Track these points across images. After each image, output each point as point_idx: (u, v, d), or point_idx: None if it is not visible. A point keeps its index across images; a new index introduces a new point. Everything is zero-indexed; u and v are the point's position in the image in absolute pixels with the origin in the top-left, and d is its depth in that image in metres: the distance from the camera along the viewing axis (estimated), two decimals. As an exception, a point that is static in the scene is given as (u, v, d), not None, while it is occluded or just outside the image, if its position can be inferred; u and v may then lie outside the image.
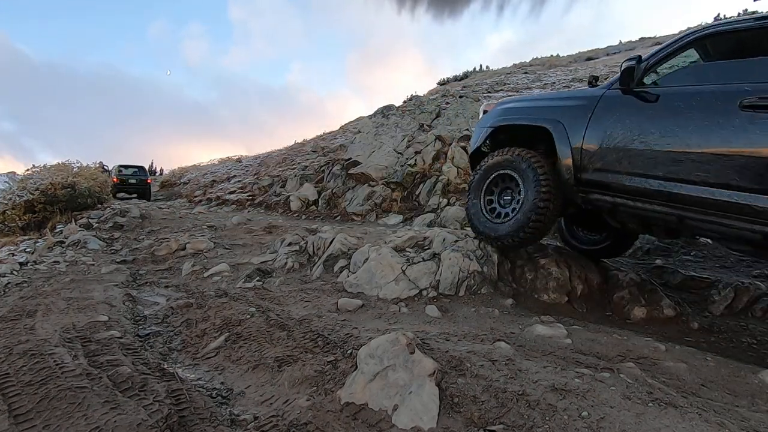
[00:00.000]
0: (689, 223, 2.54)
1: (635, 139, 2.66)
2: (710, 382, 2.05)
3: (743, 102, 2.24)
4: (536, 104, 3.38)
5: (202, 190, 16.16)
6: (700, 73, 2.72)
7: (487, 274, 3.38)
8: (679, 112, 2.50)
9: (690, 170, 2.41)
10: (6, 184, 9.98)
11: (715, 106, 2.36)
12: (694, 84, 2.57)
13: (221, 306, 3.22)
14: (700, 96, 2.46)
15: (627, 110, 2.75)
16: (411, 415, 1.69)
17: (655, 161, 2.56)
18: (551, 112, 3.15)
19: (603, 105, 2.89)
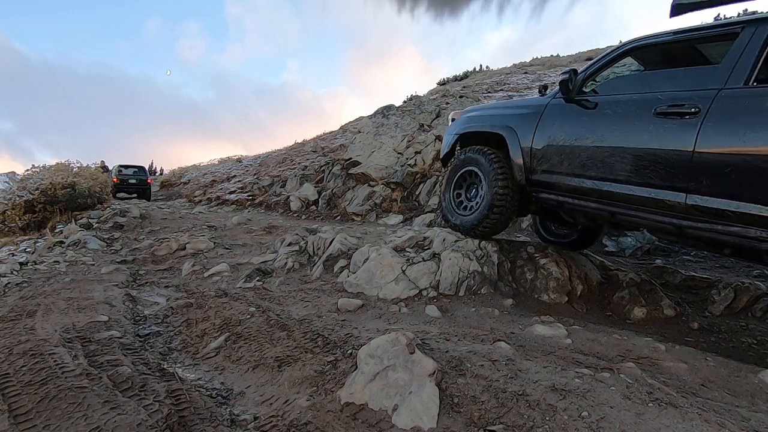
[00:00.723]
0: (619, 217, 2.82)
1: (573, 143, 2.94)
2: (710, 382, 2.05)
3: (657, 109, 2.52)
4: (494, 112, 3.68)
5: (202, 190, 16.15)
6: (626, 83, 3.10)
7: (487, 274, 3.38)
8: (608, 118, 2.78)
9: (616, 170, 2.69)
10: (6, 184, 9.98)
11: (636, 112, 2.64)
12: (621, 93, 2.86)
13: (221, 306, 3.22)
14: (624, 103, 2.74)
15: (567, 117, 3.03)
16: (411, 415, 1.69)
17: (588, 163, 2.84)
18: (506, 119, 3.46)
19: (548, 113, 3.18)
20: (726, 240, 2.38)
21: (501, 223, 3.46)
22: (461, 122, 3.90)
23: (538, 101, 3.33)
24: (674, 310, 3.22)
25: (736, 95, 2.33)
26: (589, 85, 3.08)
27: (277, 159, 16.33)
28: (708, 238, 2.45)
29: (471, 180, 3.67)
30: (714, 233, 2.36)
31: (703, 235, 2.45)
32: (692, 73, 2.78)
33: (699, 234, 2.46)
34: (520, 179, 3.27)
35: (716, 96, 2.37)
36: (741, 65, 2.39)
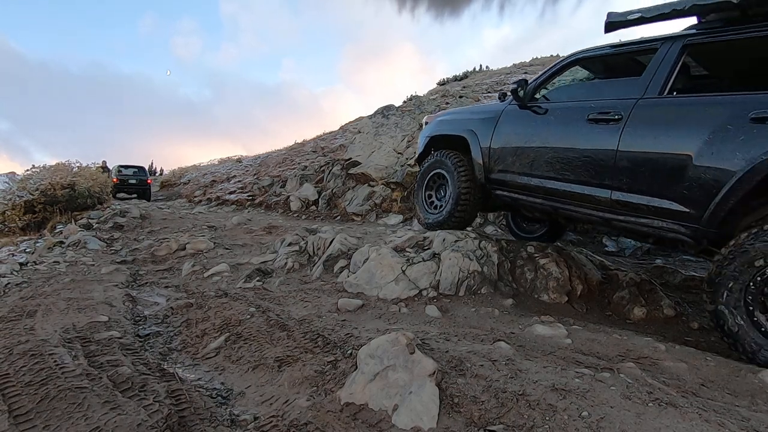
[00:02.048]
0: (560, 211, 3.17)
1: (523, 145, 3.29)
2: (710, 382, 2.05)
3: (589, 116, 2.87)
4: (459, 117, 4.01)
5: (202, 191, 16.15)
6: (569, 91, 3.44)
7: (487, 274, 3.39)
8: (551, 122, 3.14)
9: (557, 170, 3.04)
10: (6, 185, 9.98)
11: (573, 118, 3.00)
12: (564, 100, 3.22)
13: (221, 306, 3.22)
14: (565, 110, 3.11)
15: (519, 122, 3.39)
16: (411, 415, 1.69)
17: (535, 163, 3.19)
18: (468, 123, 3.78)
19: (503, 118, 3.52)
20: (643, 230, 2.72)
21: (465, 219, 3.84)
22: (432, 126, 4.21)
23: (497, 107, 3.65)
24: (674, 310, 3.22)
25: (651, 104, 2.63)
26: (541, 93, 3.41)
27: (277, 159, 16.33)
28: (630, 229, 2.79)
29: (440, 182, 4.02)
30: (634, 225, 2.71)
31: (626, 227, 2.80)
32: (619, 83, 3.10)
33: (623, 225, 2.81)
34: (480, 178, 3.61)
35: (635, 104, 2.68)
36: (657, 77, 2.69)
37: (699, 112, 2.44)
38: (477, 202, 3.72)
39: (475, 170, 3.64)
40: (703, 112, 2.42)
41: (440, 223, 3.90)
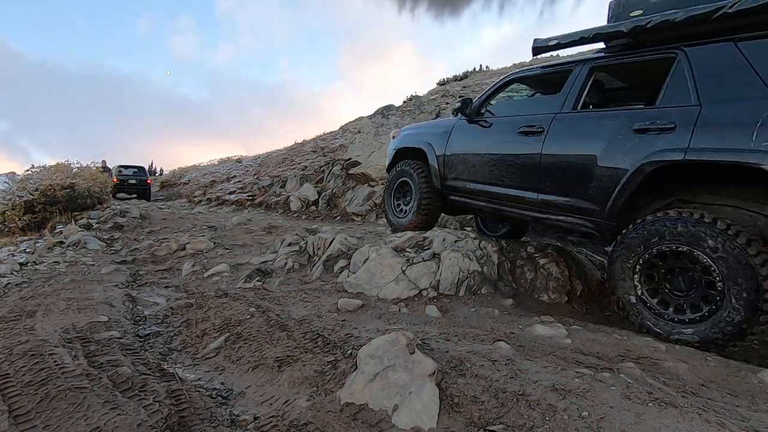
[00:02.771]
0: (501, 212, 3.62)
1: (470, 155, 3.76)
2: (710, 382, 2.05)
3: (519, 128, 3.33)
4: (420, 131, 4.49)
5: (202, 191, 16.15)
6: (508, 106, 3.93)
7: (487, 274, 3.39)
8: (491, 134, 3.62)
9: (496, 176, 3.51)
10: (6, 185, 9.98)
11: (508, 131, 3.47)
12: (503, 115, 3.68)
13: (221, 306, 3.22)
14: (502, 123, 3.58)
15: (467, 135, 3.86)
16: (411, 415, 1.69)
17: (479, 170, 3.66)
18: (427, 137, 4.27)
19: (454, 131, 3.98)
20: (564, 226, 3.16)
21: (428, 221, 4.27)
22: (398, 140, 4.71)
23: (450, 122, 4.13)
24: (674, 310, 3.22)
25: (566, 118, 3.11)
26: (486, 108, 3.84)
27: (277, 159, 16.33)
28: (555, 225, 3.24)
29: (405, 189, 4.48)
30: (556, 221, 3.17)
31: (552, 223, 3.24)
32: (544, 100, 3.64)
33: (549, 222, 3.25)
34: (437, 185, 4.07)
35: (554, 118, 3.15)
36: (571, 94, 3.15)
37: (599, 124, 2.88)
38: (437, 206, 4.22)
39: (433, 178, 4.11)
40: (602, 125, 2.85)
41: (405, 225, 4.36)
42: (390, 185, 4.61)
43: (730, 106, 2.38)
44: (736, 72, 2.44)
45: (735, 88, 2.42)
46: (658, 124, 2.55)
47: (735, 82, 2.43)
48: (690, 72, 2.60)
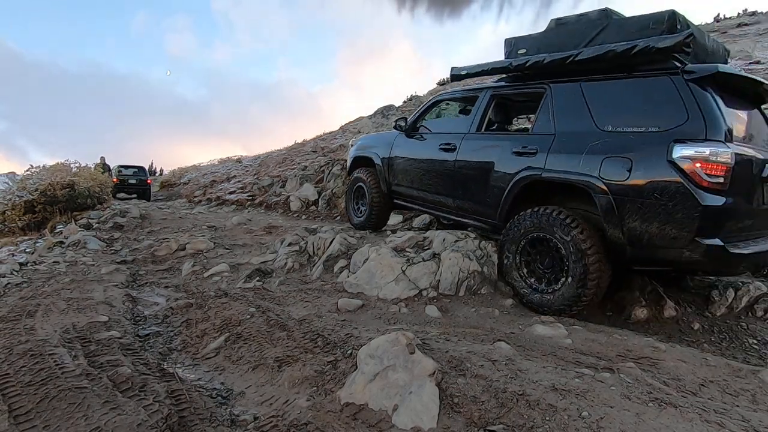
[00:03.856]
0: (433, 214, 4.30)
1: (408, 165, 4.37)
2: (710, 382, 2.05)
3: (440, 145, 3.94)
4: (370, 142, 5.14)
5: (202, 191, 16.15)
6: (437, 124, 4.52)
7: (487, 274, 3.38)
8: (422, 149, 4.24)
9: (426, 184, 4.13)
10: (6, 185, 9.96)
11: (432, 145, 4.07)
12: (431, 132, 4.29)
13: (221, 306, 3.22)
14: (430, 138, 4.19)
15: (405, 147, 4.46)
16: (411, 415, 1.69)
17: (414, 178, 4.28)
18: (375, 148, 4.88)
19: (396, 143, 4.58)
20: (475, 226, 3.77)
21: (379, 221, 4.99)
22: (354, 149, 5.31)
23: (392, 134, 4.71)
24: (675, 310, 3.22)
25: (471, 138, 3.74)
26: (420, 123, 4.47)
27: (277, 159, 16.33)
28: (469, 225, 3.85)
29: (362, 193, 5.04)
30: (468, 223, 3.80)
31: (467, 224, 3.84)
32: (460, 120, 4.17)
33: (464, 223, 3.86)
34: (385, 190, 4.70)
35: (463, 138, 3.78)
36: (476, 118, 3.78)
37: (492, 146, 3.55)
38: (386, 208, 4.87)
39: (381, 184, 4.72)
40: (494, 147, 3.51)
41: (363, 224, 4.99)
42: (349, 188, 5.28)
43: (571, 138, 3.01)
44: (577, 107, 3.06)
45: (576, 121, 3.04)
46: (528, 149, 3.20)
47: (576, 115, 3.05)
48: (552, 105, 3.22)
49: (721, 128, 2.50)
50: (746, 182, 2.61)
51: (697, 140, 2.48)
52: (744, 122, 2.86)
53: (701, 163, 2.43)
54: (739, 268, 2.85)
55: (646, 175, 2.59)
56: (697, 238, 2.45)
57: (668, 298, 3.35)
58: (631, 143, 2.70)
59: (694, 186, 2.44)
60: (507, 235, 3.21)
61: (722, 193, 2.46)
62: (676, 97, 2.63)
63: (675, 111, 2.61)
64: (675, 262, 2.62)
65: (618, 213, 2.67)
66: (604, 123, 2.88)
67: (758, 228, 2.82)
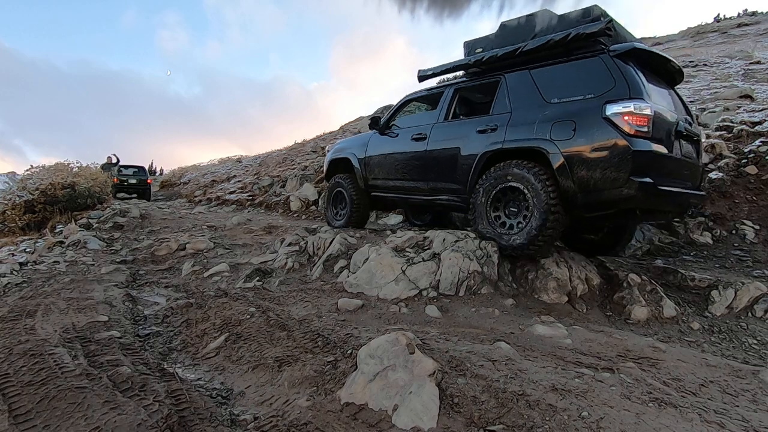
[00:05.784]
0: (409, 201, 4.74)
1: (382, 159, 4.83)
2: (710, 382, 2.05)
3: (412, 136, 4.47)
4: (346, 145, 5.54)
5: (202, 190, 16.15)
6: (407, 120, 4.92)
7: (487, 274, 3.38)
8: (396, 143, 4.70)
9: (402, 173, 4.59)
10: (6, 184, 9.96)
11: (405, 138, 4.57)
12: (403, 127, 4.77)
13: (221, 306, 3.22)
14: (402, 133, 4.69)
15: (379, 143, 4.93)
16: (411, 415, 1.69)
17: (390, 170, 4.73)
18: (351, 149, 5.30)
19: (371, 142, 5.04)
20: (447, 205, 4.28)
21: (361, 218, 5.25)
22: (331, 153, 5.71)
23: (367, 135, 5.19)
24: (674, 310, 3.22)
25: (440, 126, 4.27)
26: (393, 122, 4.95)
27: (277, 159, 16.34)
28: (442, 204, 4.33)
29: (341, 197, 5.38)
30: (441, 202, 4.27)
31: (440, 204, 4.33)
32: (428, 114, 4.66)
33: (437, 203, 4.35)
34: (363, 186, 5.08)
35: (432, 127, 4.32)
36: (442, 109, 4.34)
37: (459, 129, 4.07)
38: (365, 204, 5.18)
39: (359, 181, 5.11)
40: (461, 130, 4.04)
41: (344, 224, 5.26)
42: (328, 195, 5.64)
43: (524, 112, 3.57)
44: (528, 89, 3.66)
45: (528, 100, 3.62)
46: (489, 126, 3.75)
47: (528, 96, 3.64)
48: (507, 90, 3.82)
49: (641, 90, 3.10)
50: (665, 133, 3.20)
51: (623, 99, 3.06)
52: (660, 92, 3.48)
53: (628, 116, 3.01)
54: (668, 205, 3.40)
55: (588, 132, 3.16)
56: (632, 177, 2.96)
57: (668, 298, 3.36)
58: (574, 108, 3.30)
59: (625, 135, 3.00)
60: (481, 186, 3.67)
61: (647, 140, 3.02)
62: (605, 69, 3.25)
63: (605, 80, 3.22)
64: (616, 201, 3.09)
65: (568, 166, 3.19)
66: (551, 97, 3.48)
67: (678, 175, 3.41)
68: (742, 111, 6.61)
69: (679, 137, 3.37)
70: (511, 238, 3.45)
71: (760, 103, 6.92)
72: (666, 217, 3.99)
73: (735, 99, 7.34)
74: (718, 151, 5.62)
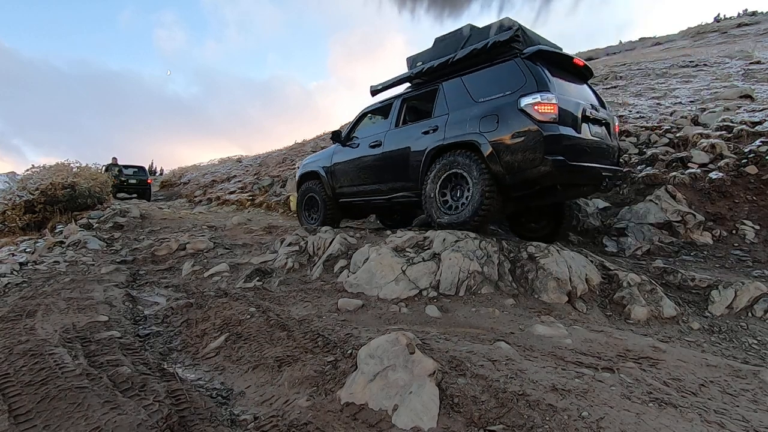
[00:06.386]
0: (371, 204, 5.16)
1: (346, 168, 5.34)
2: (710, 382, 2.05)
3: (369, 144, 5.03)
4: (314, 158, 6.09)
5: (202, 190, 16.15)
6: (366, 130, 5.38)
7: (487, 274, 3.38)
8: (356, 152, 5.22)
9: (363, 179, 5.09)
10: (6, 184, 9.95)
11: (364, 146, 5.11)
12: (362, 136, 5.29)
13: (221, 306, 3.22)
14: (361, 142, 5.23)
15: (342, 154, 5.45)
16: (411, 415, 1.69)
17: (353, 177, 5.24)
18: (319, 161, 5.87)
19: (335, 153, 5.57)
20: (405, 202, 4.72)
21: (332, 219, 5.65)
22: (301, 167, 6.27)
23: (331, 149, 5.72)
24: (674, 310, 3.22)
25: (392, 132, 4.84)
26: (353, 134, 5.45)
27: (277, 159, 16.33)
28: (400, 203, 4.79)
29: (313, 201, 5.90)
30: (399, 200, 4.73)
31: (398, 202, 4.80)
32: (382, 123, 5.18)
33: (396, 202, 4.79)
34: (331, 194, 5.58)
35: (386, 134, 4.89)
36: (393, 118, 4.93)
37: (408, 133, 4.64)
38: (335, 210, 5.66)
39: (326, 190, 5.61)
40: (409, 133, 4.61)
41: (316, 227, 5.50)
42: (300, 201, 6.15)
43: (459, 112, 4.15)
44: (461, 93, 4.25)
45: (461, 102, 4.21)
46: (432, 127, 4.33)
47: (461, 98, 4.23)
48: (444, 95, 4.42)
49: (546, 84, 3.64)
50: (572, 118, 3.72)
51: (533, 92, 3.60)
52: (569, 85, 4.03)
53: (538, 105, 3.54)
54: (582, 178, 3.87)
55: (508, 123, 3.71)
56: (545, 156, 3.48)
57: (668, 297, 3.36)
58: (496, 104, 3.86)
59: (537, 122, 3.53)
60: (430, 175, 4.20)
61: (556, 124, 3.54)
62: (518, 70, 3.82)
63: (519, 79, 3.78)
64: (537, 178, 3.60)
65: (496, 153, 3.72)
66: (479, 97, 4.06)
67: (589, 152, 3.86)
68: (742, 111, 6.61)
69: (587, 121, 3.88)
70: (456, 216, 3.99)
71: (760, 103, 6.92)
72: (585, 192, 4.37)
73: (735, 99, 7.34)
74: (719, 151, 5.61)
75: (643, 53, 16.71)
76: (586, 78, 4.46)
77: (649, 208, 5.15)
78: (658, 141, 6.33)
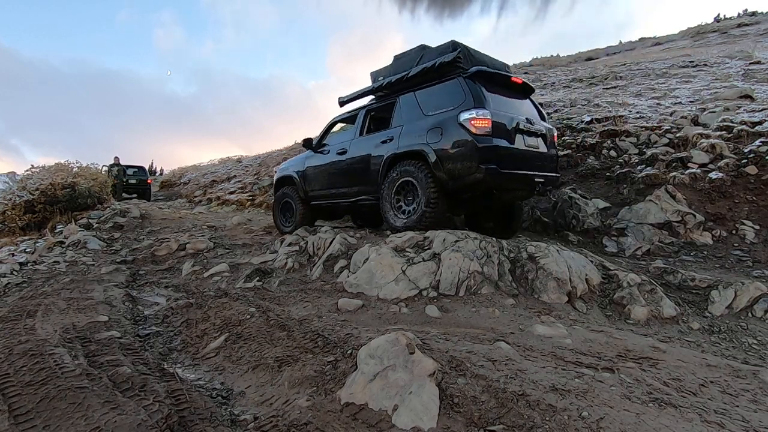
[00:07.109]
0: (340, 206, 5.55)
1: (317, 172, 5.74)
2: (710, 382, 2.05)
3: (337, 151, 5.42)
4: (289, 164, 6.49)
5: (202, 191, 16.15)
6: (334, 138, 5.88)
7: (487, 274, 3.38)
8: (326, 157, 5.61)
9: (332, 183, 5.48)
10: (6, 184, 9.95)
11: (331, 153, 5.54)
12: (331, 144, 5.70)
13: (221, 306, 3.22)
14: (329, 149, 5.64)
15: (314, 160, 5.84)
16: (411, 415, 1.69)
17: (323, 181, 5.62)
18: (292, 167, 6.26)
19: (308, 159, 5.97)
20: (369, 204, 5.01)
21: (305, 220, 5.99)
22: (277, 173, 6.65)
23: (304, 155, 6.13)
24: (674, 310, 3.22)
25: (357, 141, 5.23)
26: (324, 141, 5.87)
27: (278, 159, 16.33)
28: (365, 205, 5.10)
29: (288, 206, 6.26)
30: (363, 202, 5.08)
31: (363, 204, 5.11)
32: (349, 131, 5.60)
33: (361, 204, 5.14)
34: (304, 197, 5.95)
35: (351, 142, 5.30)
36: (358, 127, 5.31)
37: (369, 142, 5.01)
38: (308, 212, 6.02)
39: (300, 193, 5.99)
40: (371, 141, 4.99)
41: (291, 229, 5.89)
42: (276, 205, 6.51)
43: (411, 124, 4.58)
44: (413, 106, 4.68)
45: (413, 115, 4.63)
46: (389, 137, 4.75)
47: (414, 111, 4.65)
48: (400, 108, 4.84)
49: (482, 101, 4.07)
50: (506, 131, 4.12)
51: (470, 109, 4.03)
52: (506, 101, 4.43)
53: (474, 120, 3.97)
54: (514, 184, 4.25)
55: (449, 135, 4.13)
56: (480, 165, 3.90)
57: (668, 297, 3.36)
58: (441, 118, 4.27)
59: (473, 135, 3.96)
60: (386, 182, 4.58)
61: (490, 137, 3.96)
62: (459, 88, 4.25)
63: (460, 96, 4.21)
64: (473, 183, 4.00)
65: (440, 162, 4.12)
66: (428, 111, 4.47)
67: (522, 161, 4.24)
68: (742, 111, 6.61)
69: (521, 133, 4.28)
70: (408, 220, 4.35)
71: (760, 103, 6.92)
72: (521, 195, 4.73)
73: (735, 99, 7.35)
74: (718, 151, 5.62)
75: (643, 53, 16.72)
76: (527, 93, 4.84)
77: (649, 208, 5.16)
78: (658, 141, 6.33)
